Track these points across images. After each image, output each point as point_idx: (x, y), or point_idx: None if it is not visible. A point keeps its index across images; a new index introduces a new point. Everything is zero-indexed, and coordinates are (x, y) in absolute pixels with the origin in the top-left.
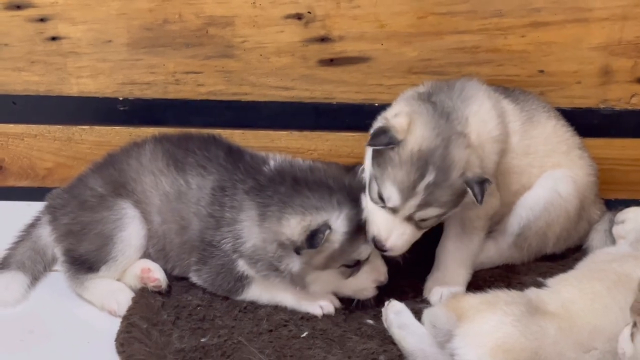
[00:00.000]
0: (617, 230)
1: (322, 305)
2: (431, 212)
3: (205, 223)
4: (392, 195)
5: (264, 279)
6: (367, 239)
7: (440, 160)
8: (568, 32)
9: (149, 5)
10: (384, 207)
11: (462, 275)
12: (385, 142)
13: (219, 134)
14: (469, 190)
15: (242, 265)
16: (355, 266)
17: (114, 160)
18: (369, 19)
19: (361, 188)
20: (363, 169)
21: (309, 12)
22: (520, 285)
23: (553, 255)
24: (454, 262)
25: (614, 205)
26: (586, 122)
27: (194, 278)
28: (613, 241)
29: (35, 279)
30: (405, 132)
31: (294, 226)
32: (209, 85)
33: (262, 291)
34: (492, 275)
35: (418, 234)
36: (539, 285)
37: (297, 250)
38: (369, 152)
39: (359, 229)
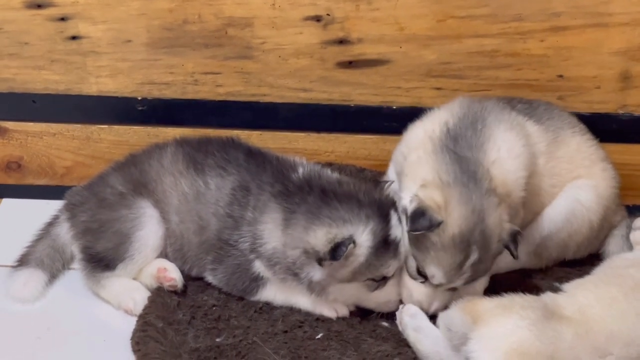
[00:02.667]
0: (634, 236)
1: (336, 308)
2: (473, 282)
3: (223, 223)
4: (437, 275)
5: (281, 282)
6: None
7: (480, 237)
8: (588, 37)
9: (169, 6)
10: (424, 282)
11: (482, 281)
12: (427, 226)
13: (237, 136)
14: (506, 250)
15: (258, 266)
16: (382, 280)
17: (135, 160)
18: (388, 21)
19: (391, 203)
20: (390, 184)
21: (328, 14)
22: (537, 290)
23: (570, 261)
24: None
25: (632, 211)
26: (605, 128)
27: (210, 277)
28: (630, 247)
29: (53, 276)
30: (443, 210)
31: (320, 237)
32: (228, 86)
33: (276, 292)
34: (508, 279)
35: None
36: (556, 289)
37: (320, 262)
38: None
39: (387, 244)
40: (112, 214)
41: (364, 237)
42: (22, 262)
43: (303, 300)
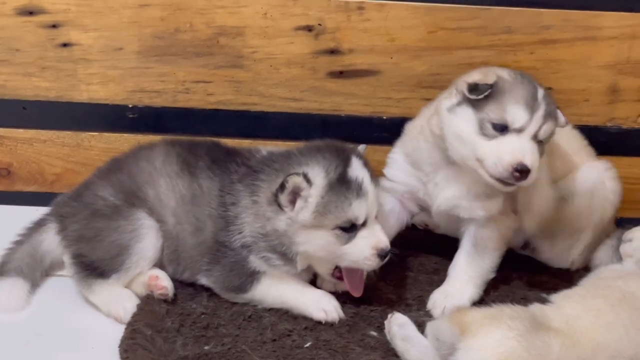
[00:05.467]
0: (624, 248)
1: (325, 310)
2: (550, 126)
3: (218, 224)
4: (518, 113)
5: (271, 268)
6: (500, 169)
7: (540, 86)
8: (577, 50)
9: (161, 14)
10: (505, 133)
11: (469, 292)
12: (485, 89)
13: (217, 141)
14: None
15: (253, 261)
16: (351, 230)
17: (121, 165)
18: (379, 32)
19: (355, 153)
20: (364, 147)
21: (319, 24)
22: (524, 301)
23: (557, 271)
24: (463, 278)
25: (620, 223)
26: (593, 140)
27: (203, 279)
28: (619, 258)
29: (34, 285)
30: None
31: (279, 182)
32: (218, 94)
33: (270, 288)
34: (496, 290)
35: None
36: (543, 301)
37: (277, 201)
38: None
39: (345, 182)
40: (109, 224)
41: (319, 176)
42: (2, 271)
43: (293, 297)
